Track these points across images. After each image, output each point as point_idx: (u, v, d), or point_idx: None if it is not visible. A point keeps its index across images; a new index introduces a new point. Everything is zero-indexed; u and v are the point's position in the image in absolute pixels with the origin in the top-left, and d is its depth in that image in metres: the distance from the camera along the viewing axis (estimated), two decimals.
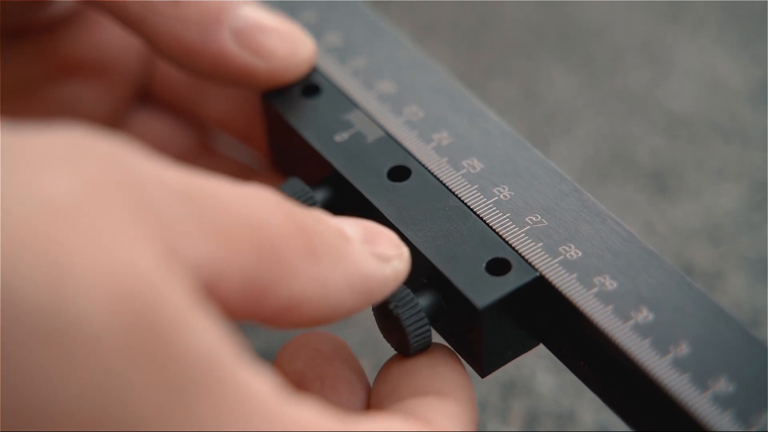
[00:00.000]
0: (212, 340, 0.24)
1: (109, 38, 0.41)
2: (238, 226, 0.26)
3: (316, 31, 0.39)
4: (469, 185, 0.34)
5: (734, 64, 0.56)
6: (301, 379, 0.31)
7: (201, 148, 0.42)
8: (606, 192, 0.51)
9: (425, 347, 0.31)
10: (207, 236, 0.25)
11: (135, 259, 0.23)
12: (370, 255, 0.28)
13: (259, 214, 0.26)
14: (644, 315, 0.30)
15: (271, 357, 0.34)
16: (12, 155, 0.24)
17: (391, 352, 0.33)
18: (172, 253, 0.24)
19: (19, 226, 0.23)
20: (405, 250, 0.30)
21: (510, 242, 0.32)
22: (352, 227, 0.29)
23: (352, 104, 0.36)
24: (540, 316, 0.32)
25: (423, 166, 0.34)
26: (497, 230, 0.32)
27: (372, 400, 0.31)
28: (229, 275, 0.26)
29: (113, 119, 0.41)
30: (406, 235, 0.32)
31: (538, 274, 0.31)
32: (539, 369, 0.44)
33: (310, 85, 0.37)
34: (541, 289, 0.31)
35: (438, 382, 0.30)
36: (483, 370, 0.32)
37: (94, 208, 0.24)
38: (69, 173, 0.24)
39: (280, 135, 0.37)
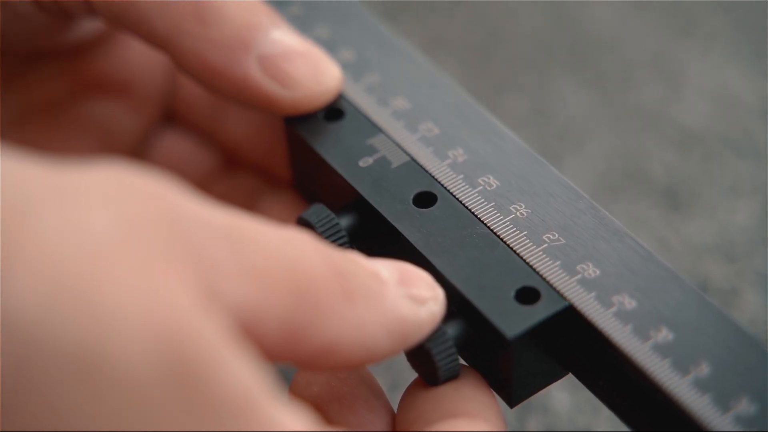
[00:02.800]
0: (247, 379, 0.24)
1: (135, 58, 0.41)
2: (278, 268, 0.26)
3: (329, 47, 0.38)
4: (485, 203, 0.34)
5: (747, 79, 0.56)
6: (318, 402, 0.31)
7: (223, 168, 0.42)
8: (619, 208, 0.50)
9: (453, 377, 0.31)
10: (247, 278, 0.25)
11: (174, 299, 0.24)
12: (405, 297, 0.29)
13: (297, 258, 0.27)
14: (664, 334, 0.30)
15: (288, 375, 0.33)
16: (56, 191, 0.24)
17: (405, 366, 0.32)
18: (212, 293, 0.25)
19: (62, 264, 0.23)
20: (440, 292, 0.30)
21: (537, 268, 0.32)
22: (387, 269, 0.29)
23: (375, 129, 0.36)
24: (567, 344, 0.31)
25: (446, 189, 0.34)
26: (521, 253, 0.32)
27: (398, 428, 0.31)
28: (268, 317, 0.26)
29: (139, 139, 0.41)
30: (433, 262, 0.32)
31: (567, 303, 0.31)
32: (555, 386, 0.44)
33: (333, 110, 0.37)
34: (568, 316, 0.31)
35: (466, 403, 0.30)
36: (512, 400, 0.32)
37: (136, 247, 0.24)
38: (112, 211, 0.24)
39: (302, 159, 0.37)
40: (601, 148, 0.53)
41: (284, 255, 0.26)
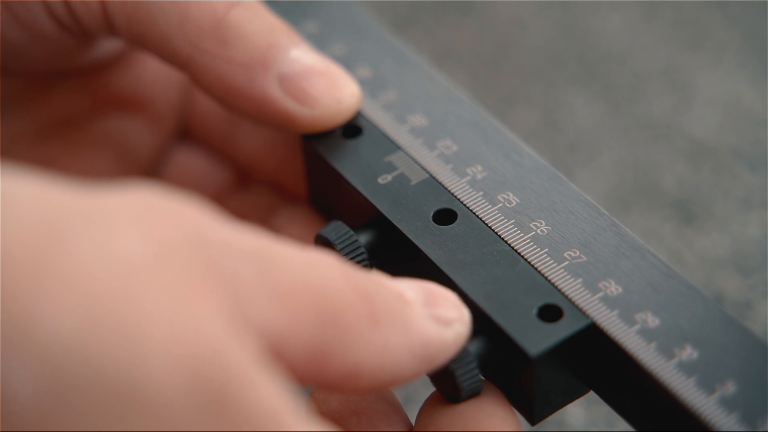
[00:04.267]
0: (276, 400, 0.24)
1: (151, 75, 0.41)
2: (304, 292, 0.26)
3: (345, 64, 0.38)
4: (505, 220, 0.34)
5: (757, 90, 0.56)
6: (337, 417, 0.31)
7: (237, 183, 0.42)
8: (631, 222, 0.50)
9: (476, 394, 0.31)
10: (274, 302, 0.26)
11: (204, 323, 0.24)
12: (430, 319, 0.29)
13: (323, 281, 0.27)
14: (688, 352, 0.30)
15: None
16: (87, 216, 0.24)
17: (419, 381, 0.32)
18: (240, 316, 0.25)
19: (93, 289, 0.23)
20: (465, 312, 0.30)
21: (558, 286, 0.32)
22: (412, 290, 0.29)
23: (394, 145, 0.36)
24: (590, 361, 0.31)
25: (466, 206, 0.34)
26: (542, 271, 0.32)
27: None
28: (294, 340, 0.26)
29: (156, 154, 0.41)
30: (454, 280, 0.32)
31: (590, 321, 0.31)
32: None
33: (351, 126, 0.37)
34: (590, 333, 0.31)
35: (487, 420, 0.30)
36: (533, 418, 0.32)
37: (166, 271, 0.24)
38: (142, 235, 0.24)
39: (320, 175, 0.37)
40: (612, 160, 0.53)
41: (311, 278, 0.27)
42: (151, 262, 0.24)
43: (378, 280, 0.28)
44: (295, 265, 0.26)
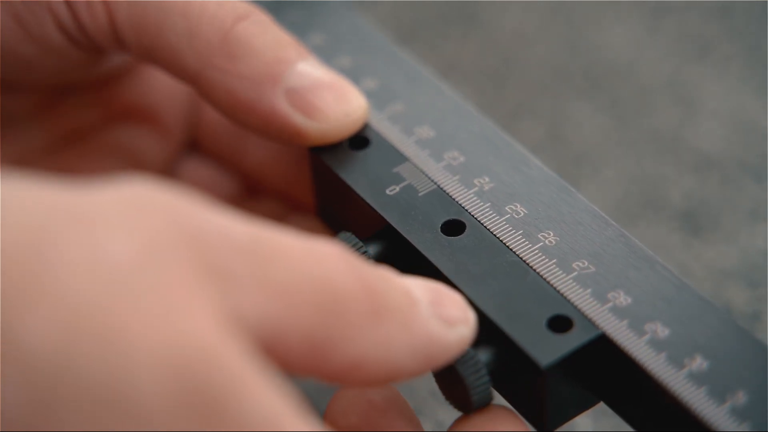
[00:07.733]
0: (272, 400, 0.24)
1: (160, 86, 0.41)
2: (303, 284, 0.26)
3: (351, 76, 0.38)
4: (513, 231, 0.33)
5: (762, 102, 0.56)
6: None
7: (245, 194, 0.42)
8: (637, 234, 0.50)
9: (486, 403, 0.31)
10: (269, 294, 0.25)
11: (193, 325, 0.23)
12: (435, 318, 0.28)
13: (324, 272, 0.26)
14: (698, 363, 0.30)
15: (317, 396, 0.33)
16: (72, 218, 0.24)
17: (428, 394, 0.32)
18: (233, 313, 0.24)
19: (77, 297, 0.23)
20: (471, 315, 0.30)
21: (568, 297, 0.32)
22: (420, 288, 0.29)
23: (401, 157, 0.36)
24: (600, 372, 0.31)
25: (474, 217, 0.34)
26: (551, 282, 0.32)
27: None
28: (290, 334, 0.26)
29: (165, 165, 0.42)
30: (464, 291, 0.32)
31: (600, 331, 0.31)
32: None
33: (358, 138, 0.37)
34: (600, 344, 0.31)
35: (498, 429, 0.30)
36: (544, 429, 0.32)
37: (154, 272, 0.24)
38: (131, 235, 0.24)
39: (328, 187, 0.37)
40: (618, 173, 0.53)
41: (310, 269, 0.26)
42: (138, 264, 0.23)
43: (385, 276, 0.28)
44: (294, 256, 0.26)
